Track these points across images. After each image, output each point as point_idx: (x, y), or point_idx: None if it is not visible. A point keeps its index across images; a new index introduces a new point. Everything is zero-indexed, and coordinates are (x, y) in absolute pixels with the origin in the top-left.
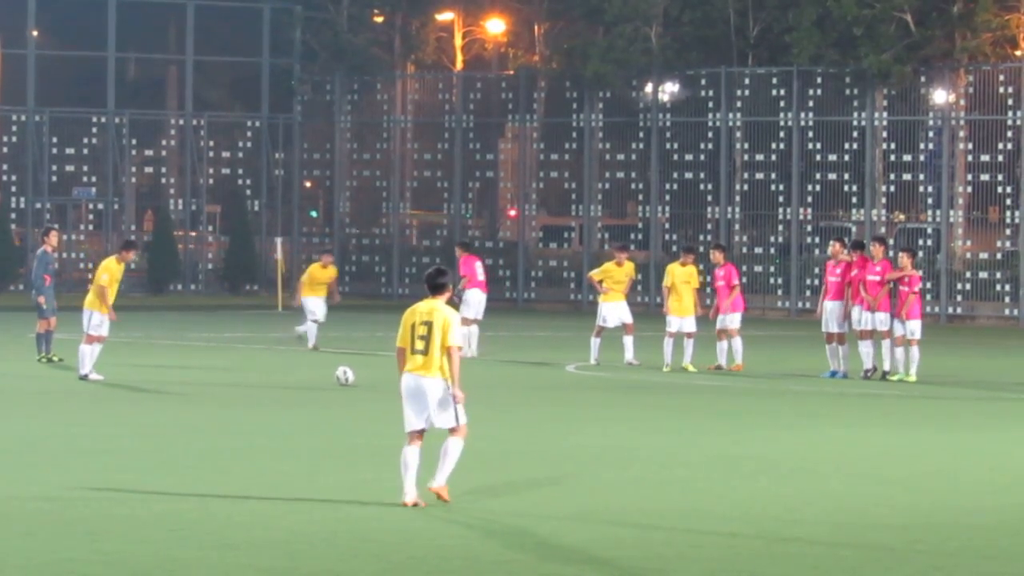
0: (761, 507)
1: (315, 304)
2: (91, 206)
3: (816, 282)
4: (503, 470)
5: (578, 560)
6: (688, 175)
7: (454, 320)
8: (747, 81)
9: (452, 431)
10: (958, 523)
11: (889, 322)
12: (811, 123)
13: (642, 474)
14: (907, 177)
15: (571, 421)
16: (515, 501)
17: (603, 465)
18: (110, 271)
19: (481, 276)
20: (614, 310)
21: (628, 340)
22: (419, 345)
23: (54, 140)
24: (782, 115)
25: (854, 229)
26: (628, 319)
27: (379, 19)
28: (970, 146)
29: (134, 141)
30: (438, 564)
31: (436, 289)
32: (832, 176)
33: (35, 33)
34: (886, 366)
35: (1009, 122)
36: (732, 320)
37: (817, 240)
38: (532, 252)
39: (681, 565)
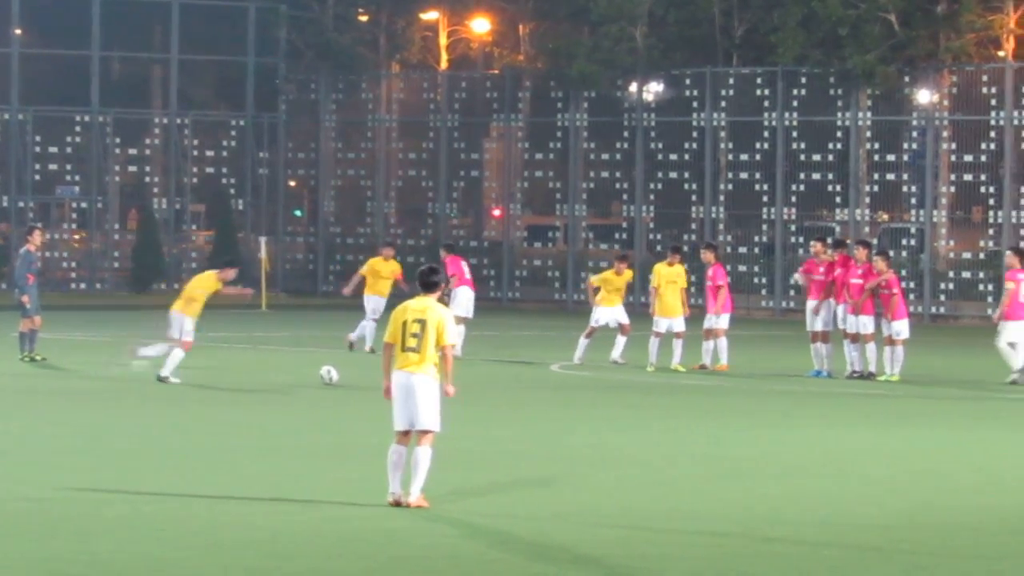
0: (746, 507)
1: (378, 304)
2: (75, 205)
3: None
4: (488, 470)
5: (564, 560)
6: (673, 175)
7: (448, 318)
8: (732, 81)
9: (421, 438)
10: (942, 523)
11: (873, 325)
12: (795, 123)
13: (627, 474)
14: (891, 177)
15: (556, 421)
16: (500, 501)
17: (588, 465)
18: (207, 289)
19: (468, 275)
20: (609, 312)
21: (621, 340)
22: (412, 343)
23: (38, 139)
24: (766, 115)
25: (838, 229)
26: (624, 320)
27: (364, 18)
28: (954, 146)
29: (118, 140)
30: (423, 564)
31: (429, 287)
32: (816, 176)
33: (19, 31)
34: (871, 368)
35: (992, 122)
36: (720, 320)
37: (801, 240)
38: (517, 251)
39: (666, 565)
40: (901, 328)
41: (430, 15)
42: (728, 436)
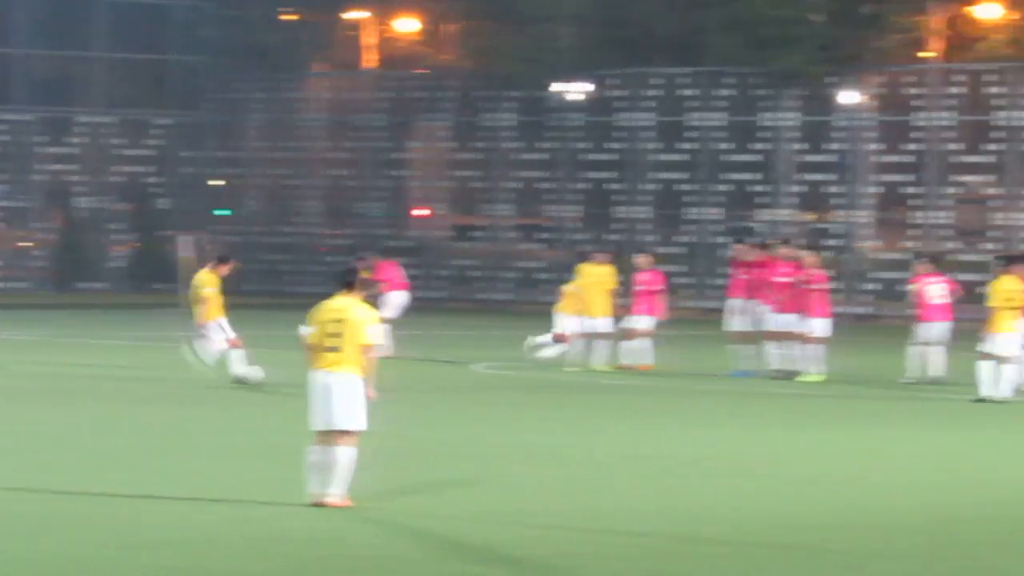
0: (669, 506)
1: None
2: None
3: (725, 281)
4: (413, 470)
5: (485, 559)
6: (598, 175)
7: (369, 318)
8: (658, 81)
9: (341, 438)
10: (866, 523)
11: (797, 323)
12: (722, 123)
13: (550, 474)
14: (817, 177)
15: (480, 421)
16: (424, 501)
17: (512, 465)
18: (209, 285)
19: (401, 278)
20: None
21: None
22: (331, 342)
23: None
24: (693, 115)
25: (763, 229)
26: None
27: (291, 17)
28: (879, 147)
29: (44, 138)
30: (345, 564)
31: (347, 286)
32: (742, 176)
33: None
34: (795, 366)
35: (918, 123)
36: (642, 321)
37: (727, 240)
38: (442, 251)
39: (590, 564)
40: (819, 326)
41: (358, 14)
42: (651, 436)
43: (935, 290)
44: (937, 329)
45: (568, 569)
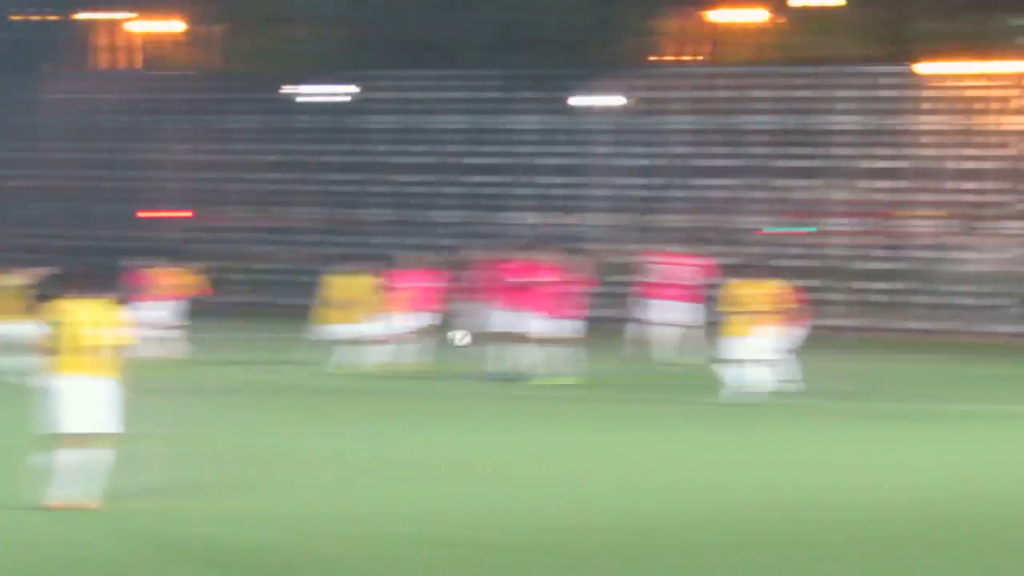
0: (426, 509)
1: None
2: None
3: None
4: (160, 473)
5: (234, 564)
6: (336, 177)
7: (112, 319)
8: (395, 83)
9: (85, 440)
10: (621, 525)
11: (538, 324)
12: (459, 126)
13: (298, 477)
14: (553, 180)
15: (244, 424)
16: (170, 504)
17: (260, 468)
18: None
19: (164, 285)
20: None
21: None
22: (57, 344)
23: None
24: (430, 117)
25: (501, 232)
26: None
27: (30, 17)
28: (615, 150)
29: None
30: (78, 567)
31: (74, 289)
32: (479, 178)
33: None
34: (538, 368)
35: (653, 126)
36: (407, 321)
37: (464, 243)
38: (187, 254)
39: (340, 567)
40: (569, 327)
41: (111, 15)
42: (401, 439)
43: (664, 269)
44: (658, 308)
45: (319, 572)
